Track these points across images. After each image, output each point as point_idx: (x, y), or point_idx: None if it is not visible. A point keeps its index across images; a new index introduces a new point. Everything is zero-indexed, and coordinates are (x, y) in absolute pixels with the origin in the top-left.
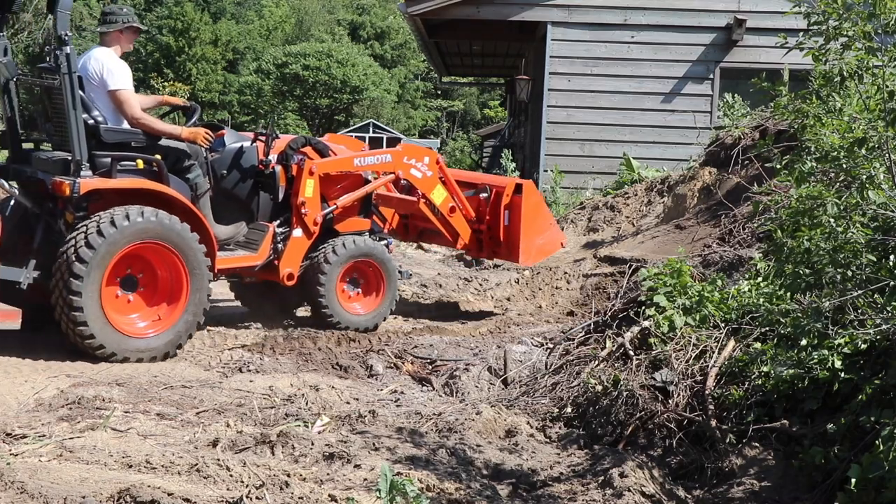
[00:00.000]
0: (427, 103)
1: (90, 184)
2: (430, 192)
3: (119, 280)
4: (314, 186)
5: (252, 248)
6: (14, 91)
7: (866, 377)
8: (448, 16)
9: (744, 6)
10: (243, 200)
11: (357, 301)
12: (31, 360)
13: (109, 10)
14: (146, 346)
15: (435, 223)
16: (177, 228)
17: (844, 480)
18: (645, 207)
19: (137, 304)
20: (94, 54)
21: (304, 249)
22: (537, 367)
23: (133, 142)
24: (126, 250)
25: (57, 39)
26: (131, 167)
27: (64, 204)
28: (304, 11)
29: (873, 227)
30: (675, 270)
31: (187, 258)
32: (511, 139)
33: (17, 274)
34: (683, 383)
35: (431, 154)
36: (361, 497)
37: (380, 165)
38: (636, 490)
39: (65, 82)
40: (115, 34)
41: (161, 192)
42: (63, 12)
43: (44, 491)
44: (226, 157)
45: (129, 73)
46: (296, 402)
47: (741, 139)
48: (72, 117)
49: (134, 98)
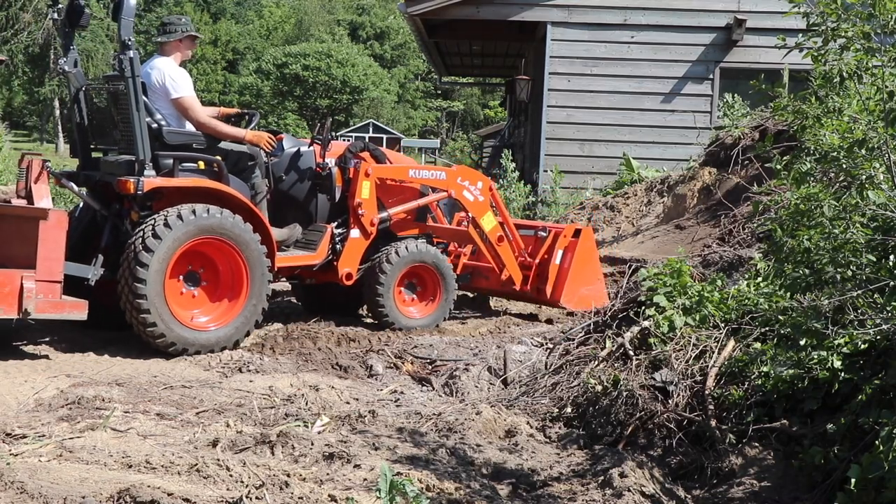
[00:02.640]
0: (427, 103)
1: (153, 182)
2: (480, 216)
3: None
4: (370, 188)
5: (311, 248)
6: (83, 100)
7: (866, 377)
8: (448, 16)
9: (744, 6)
10: (301, 202)
11: (413, 305)
12: (31, 360)
13: (168, 20)
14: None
15: (482, 249)
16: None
17: (844, 480)
18: (645, 207)
19: (200, 298)
20: (156, 63)
21: (361, 250)
22: (537, 367)
23: (194, 144)
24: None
25: (121, 45)
26: (192, 168)
27: (129, 203)
28: (304, 11)
29: (873, 227)
30: (675, 270)
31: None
32: (511, 139)
33: (86, 271)
34: (683, 383)
35: (485, 180)
36: (361, 497)
37: (433, 181)
38: (636, 490)
39: (128, 85)
40: (174, 43)
41: (221, 192)
42: (127, 19)
43: (44, 491)
44: (284, 161)
45: (189, 80)
46: (296, 402)
47: (741, 139)
48: (135, 119)
49: (197, 103)
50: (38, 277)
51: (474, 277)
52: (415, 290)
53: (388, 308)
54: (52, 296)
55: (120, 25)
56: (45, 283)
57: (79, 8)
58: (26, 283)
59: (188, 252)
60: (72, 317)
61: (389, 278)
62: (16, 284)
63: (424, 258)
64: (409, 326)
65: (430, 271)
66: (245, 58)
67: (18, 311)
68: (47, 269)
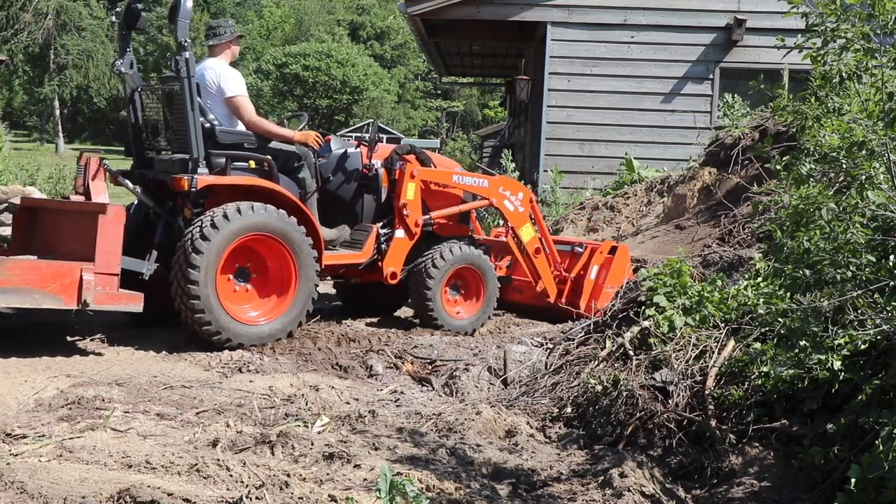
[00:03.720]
0: (427, 103)
1: (206, 180)
2: (519, 227)
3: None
4: (415, 190)
5: (357, 247)
6: (138, 101)
7: (866, 377)
8: (448, 16)
9: (744, 6)
10: (348, 202)
11: (459, 305)
12: (31, 360)
13: (216, 23)
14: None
15: (519, 260)
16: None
17: (844, 480)
18: (645, 207)
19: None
20: (208, 65)
21: (406, 250)
22: (537, 367)
23: (245, 143)
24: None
25: (178, 46)
26: (243, 167)
27: (182, 201)
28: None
29: (873, 227)
30: (675, 270)
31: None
32: (511, 139)
33: (140, 265)
34: (683, 383)
35: (526, 191)
36: (361, 497)
37: (476, 188)
38: (636, 490)
39: (184, 85)
40: (224, 45)
41: (271, 190)
42: (183, 21)
43: (44, 491)
44: (332, 162)
45: (242, 80)
46: (296, 402)
47: (741, 139)
48: (190, 118)
49: (249, 103)
50: (96, 270)
51: (508, 291)
52: (459, 290)
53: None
54: (110, 288)
55: (176, 28)
56: (104, 276)
57: (136, 11)
58: (85, 276)
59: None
60: (128, 309)
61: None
62: (76, 276)
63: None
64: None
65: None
66: (245, 58)
67: (78, 302)
68: (105, 262)
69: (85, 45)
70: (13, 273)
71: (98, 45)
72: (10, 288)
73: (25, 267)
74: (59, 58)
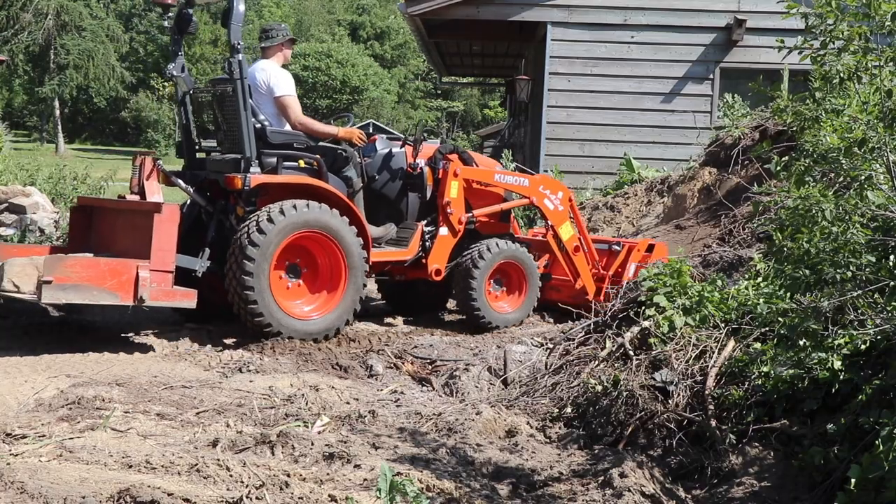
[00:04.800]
0: (427, 103)
1: (259, 178)
2: (559, 225)
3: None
4: (458, 188)
5: (403, 244)
6: (189, 103)
7: (866, 377)
8: (448, 16)
9: (744, 6)
10: (393, 201)
11: (502, 300)
12: (31, 360)
13: (269, 27)
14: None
15: (558, 258)
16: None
17: (844, 480)
18: (645, 207)
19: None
20: (260, 66)
21: (450, 247)
22: (537, 367)
23: (295, 143)
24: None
25: (231, 48)
26: (293, 166)
27: (235, 199)
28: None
29: (873, 227)
30: (675, 270)
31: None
32: (511, 139)
33: (194, 263)
34: (683, 383)
35: (566, 190)
36: (361, 497)
37: (517, 187)
38: (636, 490)
39: (237, 87)
40: (276, 47)
41: (321, 188)
42: (236, 25)
43: (44, 491)
44: (377, 161)
45: (292, 81)
46: (296, 402)
47: (741, 139)
48: (243, 118)
49: (297, 103)
50: (152, 267)
51: (546, 290)
52: (501, 285)
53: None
54: (165, 285)
55: (230, 31)
56: (159, 273)
57: (187, 16)
58: (141, 273)
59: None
60: (182, 305)
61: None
62: (132, 273)
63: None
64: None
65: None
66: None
67: (134, 299)
68: (161, 260)
69: (85, 45)
70: (73, 270)
71: (98, 45)
72: (69, 284)
73: (84, 264)
74: (60, 58)
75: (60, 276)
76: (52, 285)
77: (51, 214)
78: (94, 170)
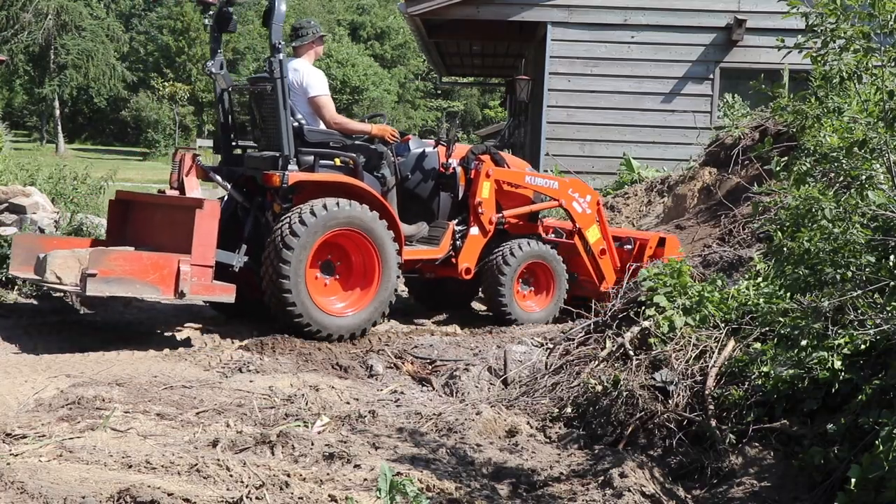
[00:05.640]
0: (427, 103)
1: (297, 176)
2: (586, 228)
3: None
4: (490, 189)
5: (434, 243)
6: (227, 100)
7: (866, 377)
8: (448, 16)
9: (744, 6)
10: (425, 200)
11: (530, 299)
12: (31, 360)
13: (299, 24)
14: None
15: (584, 260)
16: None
17: (844, 480)
18: (645, 207)
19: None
20: (293, 65)
21: (480, 246)
22: (537, 367)
23: (331, 142)
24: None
25: (271, 48)
26: (329, 164)
27: (272, 196)
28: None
29: (873, 227)
30: (675, 270)
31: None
32: (511, 139)
33: (231, 258)
34: (683, 383)
35: (594, 194)
36: (361, 497)
37: (546, 189)
38: (636, 490)
39: (277, 86)
40: (307, 45)
41: (356, 187)
42: (277, 24)
43: (44, 491)
44: (410, 161)
45: (325, 80)
46: (296, 402)
47: (741, 139)
48: (282, 117)
49: (331, 102)
50: (192, 262)
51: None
52: (529, 285)
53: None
54: (205, 279)
55: (271, 30)
56: (199, 268)
57: (227, 14)
58: (182, 267)
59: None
60: (221, 299)
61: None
62: (173, 267)
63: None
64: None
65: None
66: (245, 58)
67: (175, 293)
68: (201, 254)
69: (85, 45)
70: (116, 263)
71: (98, 45)
72: (113, 277)
73: (127, 258)
74: (60, 58)
75: (105, 268)
76: (96, 278)
77: (51, 214)
78: (95, 170)
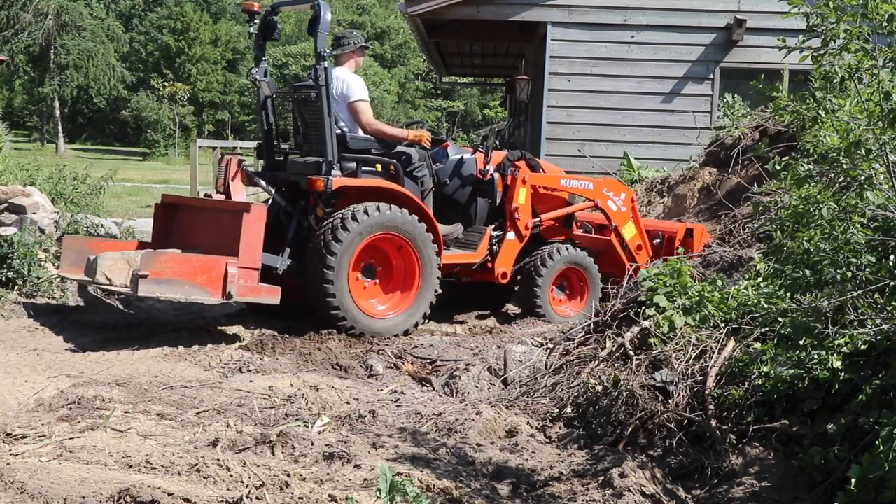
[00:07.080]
0: (427, 103)
1: (341, 181)
2: (622, 226)
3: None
4: (526, 195)
5: (472, 247)
6: (271, 107)
7: (866, 377)
8: (448, 16)
9: (744, 6)
10: (463, 205)
11: (565, 304)
12: (31, 360)
13: (342, 34)
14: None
15: (621, 256)
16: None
17: (844, 480)
18: (645, 207)
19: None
20: (335, 73)
21: (516, 251)
22: (537, 367)
23: (373, 148)
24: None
25: (317, 56)
26: (370, 170)
27: (315, 200)
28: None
29: (873, 227)
30: (675, 270)
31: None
32: (511, 139)
33: (276, 261)
34: (683, 383)
35: (628, 192)
36: (361, 497)
37: (582, 190)
38: (636, 490)
39: (321, 93)
40: (348, 55)
41: (396, 191)
42: (322, 33)
43: (44, 491)
44: (448, 167)
45: (365, 86)
46: (296, 402)
47: (741, 139)
48: (326, 123)
49: (369, 108)
50: (240, 264)
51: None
52: (564, 290)
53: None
54: (251, 281)
55: (316, 39)
56: (246, 270)
57: (272, 23)
58: (230, 269)
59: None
60: (267, 301)
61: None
62: (221, 270)
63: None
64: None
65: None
66: (245, 58)
67: (222, 294)
68: (248, 257)
69: (85, 45)
70: (167, 265)
71: (98, 45)
72: (164, 279)
73: (178, 260)
74: (60, 58)
75: (156, 270)
76: (147, 279)
77: (51, 214)
78: (95, 170)
